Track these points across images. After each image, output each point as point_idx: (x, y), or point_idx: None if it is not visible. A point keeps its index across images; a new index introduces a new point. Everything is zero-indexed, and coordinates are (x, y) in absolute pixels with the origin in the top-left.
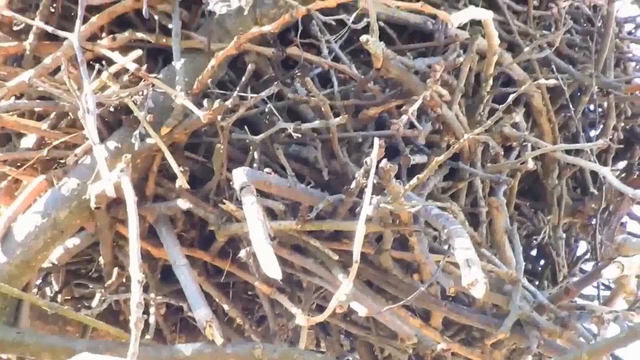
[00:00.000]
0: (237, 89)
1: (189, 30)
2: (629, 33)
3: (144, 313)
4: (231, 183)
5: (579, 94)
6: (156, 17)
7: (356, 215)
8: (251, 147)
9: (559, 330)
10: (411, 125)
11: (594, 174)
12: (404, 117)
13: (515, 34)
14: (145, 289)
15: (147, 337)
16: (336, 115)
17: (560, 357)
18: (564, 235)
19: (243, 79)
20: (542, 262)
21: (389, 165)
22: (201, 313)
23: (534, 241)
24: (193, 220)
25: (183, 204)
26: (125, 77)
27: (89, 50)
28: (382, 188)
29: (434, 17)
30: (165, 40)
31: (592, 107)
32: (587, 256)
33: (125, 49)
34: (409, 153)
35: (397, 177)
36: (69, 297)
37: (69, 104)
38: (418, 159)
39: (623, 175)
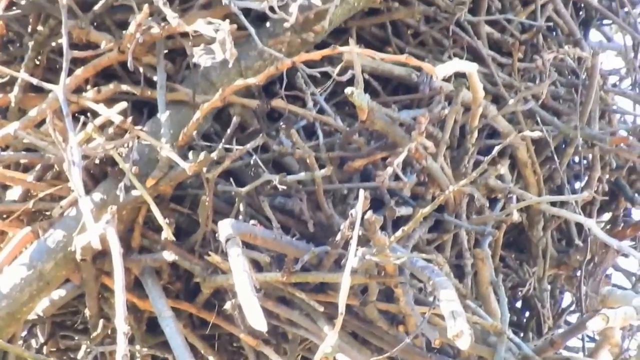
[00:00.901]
0: (223, 141)
1: (173, 83)
2: (614, 85)
3: None
4: (217, 235)
5: (563, 146)
6: (141, 69)
7: (341, 267)
8: (237, 199)
9: None
10: (396, 177)
11: (579, 226)
12: (389, 169)
13: (500, 86)
14: (131, 340)
15: None
16: (321, 167)
17: None
18: (549, 287)
19: (228, 131)
20: (527, 313)
21: (374, 217)
22: None
23: (519, 293)
24: (179, 272)
25: (169, 255)
26: (111, 129)
27: (74, 103)
28: (367, 240)
29: (419, 69)
30: (150, 93)
31: (577, 159)
32: (572, 308)
33: (110, 101)
34: (394, 205)
35: (383, 228)
36: (55, 349)
37: (55, 156)
38: (403, 210)
39: (608, 227)
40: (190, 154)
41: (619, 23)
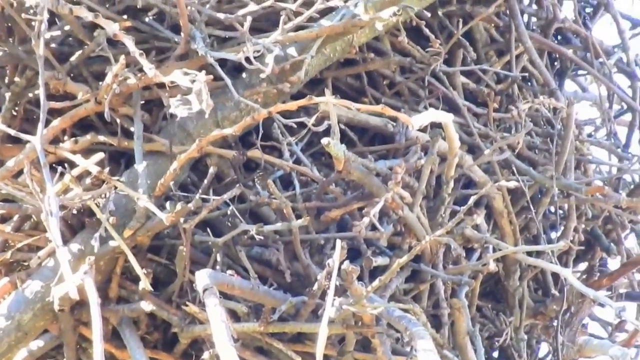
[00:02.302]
0: (200, 191)
1: (150, 133)
2: (589, 135)
3: None
4: (194, 285)
5: (539, 195)
6: (118, 120)
7: (319, 317)
8: (214, 249)
9: None
10: (373, 227)
11: (556, 276)
12: (366, 219)
13: (475, 136)
14: None
15: None
16: (298, 217)
17: None
18: (525, 337)
19: (205, 181)
20: None
21: (351, 267)
22: None
23: (496, 343)
24: (156, 322)
25: (146, 306)
26: (88, 180)
27: (51, 153)
28: (344, 290)
29: (395, 119)
30: (127, 143)
31: (552, 209)
32: (549, 358)
33: (87, 152)
34: (371, 255)
35: (360, 279)
36: None
37: (32, 207)
38: (380, 260)
39: (584, 277)
40: (168, 205)
41: (593, 74)
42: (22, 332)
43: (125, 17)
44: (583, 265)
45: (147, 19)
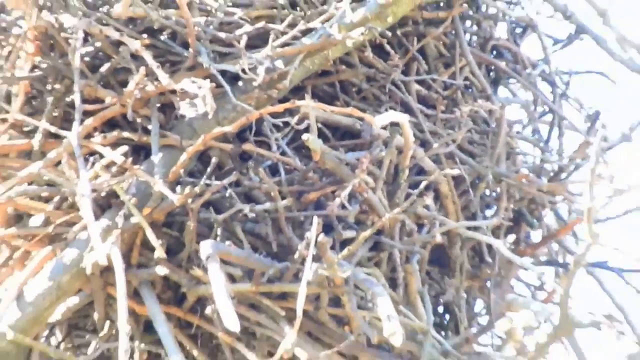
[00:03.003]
0: (204, 177)
1: (165, 130)
2: (518, 132)
3: (129, 358)
4: (199, 253)
5: (477, 181)
6: (138, 119)
7: (299, 279)
8: (215, 225)
9: None
10: (343, 207)
11: (489, 246)
12: (337, 200)
13: (426, 133)
14: (131, 338)
15: None
16: (283, 198)
17: None
18: (464, 295)
19: (208, 169)
20: (447, 316)
21: (325, 239)
22: (175, 358)
23: (441, 300)
24: (169, 284)
25: (161, 270)
26: (114, 168)
27: (84, 147)
28: (319, 257)
29: (361, 119)
30: (145, 138)
31: (487, 192)
32: (483, 312)
33: (113, 146)
34: (341, 229)
35: (332, 248)
36: (70, 346)
37: (69, 190)
38: (348, 234)
39: (512, 246)
40: (178, 188)
41: (522, 82)
42: (61, 291)
43: (144, 36)
44: (511, 238)
45: (162, 38)
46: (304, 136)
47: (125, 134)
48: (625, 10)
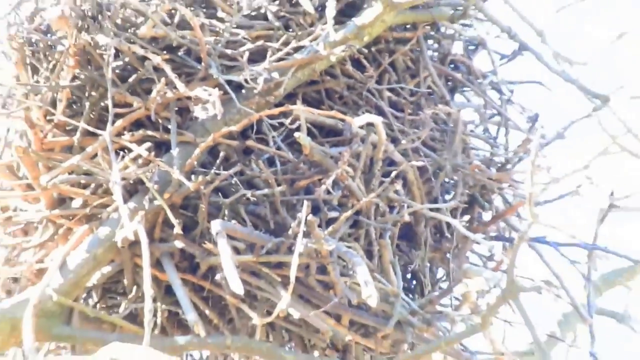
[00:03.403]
0: (214, 168)
1: (181, 129)
2: (471, 131)
3: (153, 316)
4: (210, 230)
5: (438, 171)
6: (160, 120)
7: (292, 252)
8: (223, 207)
9: (426, 327)
10: (328, 192)
11: (448, 224)
12: (323, 187)
13: (396, 131)
14: (154, 300)
15: (156, 332)
16: (279, 185)
17: (427, 345)
18: (428, 265)
19: (217, 161)
20: (414, 282)
21: (313, 218)
22: (191, 316)
23: (409, 268)
24: (185, 255)
25: (179, 244)
26: (140, 161)
27: (116, 143)
28: (309, 234)
29: (343, 120)
30: (166, 136)
31: (447, 180)
32: (443, 278)
33: (139, 142)
34: (327, 210)
35: (319, 226)
36: (104, 306)
37: (103, 178)
38: (332, 214)
39: (467, 224)
40: (193, 177)
41: (474, 90)
42: (96, 262)
43: (164, 52)
44: (467, 217)
45: (179, 54)
46: (296, 134)
47: (149, 133)
48: (559, 30)
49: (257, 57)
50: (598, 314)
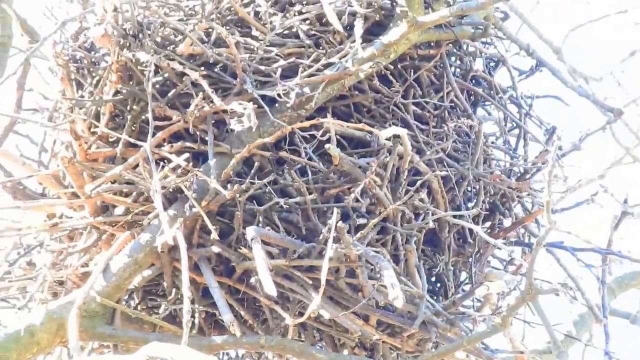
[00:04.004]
0: (249, 177)
1: (218, 141)
2: (492, 142)
3: (191, 317)
4: (245, 236)
5: (461, 180)
6: (198, 132)
7: (323, 256)
8: (257, 214)
9: (449, 327)
10: (357, 200)
11: (471, 230)
12: (352, 195)
13: (421, 143)
14: (192, 301)
15: (194, 332)
16: (310, 193)
17: (450, 344)
18: (452, 268)
19: (252, 171)
20: (438, 285)
21: (343, 225)
22: (227, 317)
23: (433, 271)
24: (222, 259)
25: (215, 249)
26: (179, 170)
27: (156, 154)
28: (339, 239)
29: (371, 132)
30: (203, 147)
31: (469, 188)
32: (466, 281)
33: (178, 153)
34: (355, 217)
35: (348, 232)
36: (145, 307)
37: (144, 187)
38: (361, 221)
39: (488, 231)
40: (229, 186)
41: (495, 104)
42: (138, 265)
43: (202, 68)
44: (488, 224)
45: (215, 70)
46: (326, 145)
47: (188, 144)
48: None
49: (289, 73)
50: (612, 315)
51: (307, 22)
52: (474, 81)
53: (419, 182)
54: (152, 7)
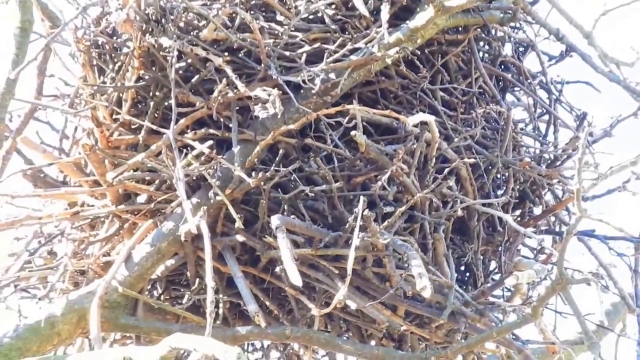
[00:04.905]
0: (274, 165)
1: (242, 128)
2: (521, 129)
3: (215, 307)
4: (270, 225)
5: (490, 167)
6: (221, 119)
7: (349, 245)
8: (282, 202)
9: (478, 318)
10: (384, 188)
11: (500, 219)
12: (379, 183)
13: (449, 129)
14: (216, 292)
15: (218, 322)
16: (336, 181)
17: (480, 335)
18: (481, 257)
19: (277, 158)
20: (467, 274)
21: (370, 213)
22: (252, 307)
23: (462, 261)
24: (246, 248)
25: (240, 238)
26: (202, 158)
27: (179, 141)
28: (365, 228)
29: (397, 119)
30: (227, 134)
31: (498, 176)
32: (495, 270)
33: (202, 140)
34: (382, 206)
35: (375, 221)
36: (168, 297)
37: (167, 175)
38: (388, 209)
39: (518, 219)
40: (253, 174)
41: (524, 89)
42: (160, 255)
43: (226, 54)
44: (517, 212)
45: (239, 55)
46: (352, 132)
47: (211, 131)
48: (606, 32)
49: (314, 58)
50: None
51: (333, 6)
52: (502, 66)
53: (447, 170)
54: None
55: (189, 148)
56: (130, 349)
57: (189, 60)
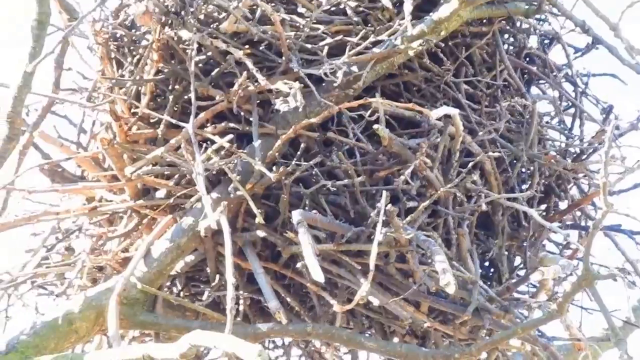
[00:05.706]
0: (295, 159)
1: (263, 121)
2: (547, 122)
3: (235, 304)
4: (291, 220)
5: (514, 161)
6: (242, 113)
7: (372, 240)
8: (304, 197)
9: (503, 314)
10: (407, 182)
11: (525, 213)
12: (402, 177)
13: (473, 123)
14: (237, 288)
15: (238, 319)
16: (358, 175)
17: (504, 331)
18: (505, 253)
19: (298, 152)
20: (492, 270)
21: (393, 208)
22: (273, 304)
23: (487, 256)
24: (267, 244)
25: (261, 233)
26: (223, 152)
27: (199, 135)
28: (388, 223)
29: (421, 112)
30: (247, 128)
31: (523, 170)
32: (520, 266)
33: (222, 134)
34: (405, 200)
35: (398, 215)
36: (188, 294)
37: (187, 169)
38: (411, 204)
39: (543, 213)
40: (274, 168)
41: (549, 82)
42: (180, 250)
43: (246, 46)
44: (543, 206)
45: (260, 48)
46: (375, 126)
47: (231, 125)
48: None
49: (336, 51)
50: None
51: None
52: (527, 59)
53: (471, 164)
54: None
55: (208, 142)
56: (150, 346)
57: (209, 53)
